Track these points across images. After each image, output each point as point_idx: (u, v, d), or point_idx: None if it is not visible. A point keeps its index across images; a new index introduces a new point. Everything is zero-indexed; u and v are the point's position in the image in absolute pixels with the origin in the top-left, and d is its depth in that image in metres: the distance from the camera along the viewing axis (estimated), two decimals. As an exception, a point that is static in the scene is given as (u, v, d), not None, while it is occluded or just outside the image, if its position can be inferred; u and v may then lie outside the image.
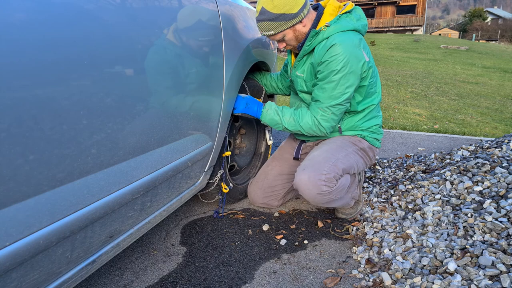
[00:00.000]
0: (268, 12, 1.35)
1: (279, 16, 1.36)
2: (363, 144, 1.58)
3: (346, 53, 1.36)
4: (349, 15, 1.46)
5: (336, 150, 1.51)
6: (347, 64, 1.36)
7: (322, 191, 1.39)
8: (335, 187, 1.42)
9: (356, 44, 1.40)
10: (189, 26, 1.14)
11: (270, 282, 1.25)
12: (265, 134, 1.98)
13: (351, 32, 1.42)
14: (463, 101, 5.67)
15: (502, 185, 1.45)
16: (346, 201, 1.57)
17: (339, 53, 1.36)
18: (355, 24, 1.43)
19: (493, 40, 36.33)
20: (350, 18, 1.45)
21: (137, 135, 0.93)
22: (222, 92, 1.35)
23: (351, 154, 1.52)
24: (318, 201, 1.44)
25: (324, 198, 1.42)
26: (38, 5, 0.66)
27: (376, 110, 1.60)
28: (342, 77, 1.38)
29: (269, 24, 1.38)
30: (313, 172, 1.40)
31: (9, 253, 0.62)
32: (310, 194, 1.41)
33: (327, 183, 1.39)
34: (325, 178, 1.39)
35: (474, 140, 3.07)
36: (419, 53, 13.17)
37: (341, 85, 1.39)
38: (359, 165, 1.57)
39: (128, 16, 0.88)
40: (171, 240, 1.51)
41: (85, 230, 0.80)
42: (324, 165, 1.42)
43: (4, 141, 0.60)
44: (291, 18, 1.38)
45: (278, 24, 1.38)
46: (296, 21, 1.40)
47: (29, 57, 0.63)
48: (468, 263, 1.12)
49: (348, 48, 1.36)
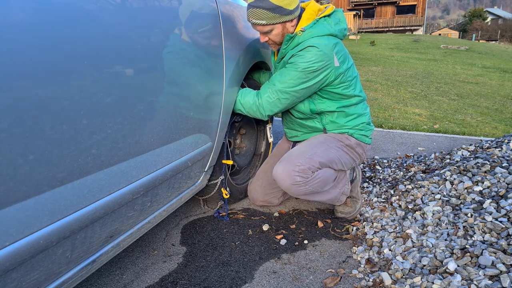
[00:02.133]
0: (268, 1, 1.34)
1: (277, 8, 1.35)
2: (350, 141, 1.58)
3: (315, 54, 1.37)
4: (327, 19, 1.46)
5: (315, 145, 1.53)
6: (312, 64, 1.38)
7: (296, 181, 1.40)
8: (310, 178, 1.42)
9: (329, 48, 1.39)
10: (189, 26, 1.14)
11: (270, 282, 1.25)
12: (266, 132, 1.98)
13: (326, 37, 1.42)
14: (463, 101, 5.67)
15: (502, 185, 1.45)
16: (335, 196, 1.58)
17: (308, 52, 1.37)
18: (331, 28, 1.44)
19: (493, 40, 36.33)
20: (327, 22, 1.45)
21: (137, 135, 0.93)
22: (222, 92, 1.35)
23: (332, 149, 1.53)
24: (295, 192, 1.45)
25: (300, 189, 1.43)
26: (38, 5, 0.66)
27: (360, 108, 1.60)
28: (302, 71, 1.39)
29: (264, 13, 1.36)
30: (287, 164, 1.43)
31: (9, 253, 0.62)
32: (285, 184, 1.43)
33: (300, 174, 1.40)
34: (298, 169, 1.40)
35: (474, 140, 3.07)
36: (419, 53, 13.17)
37: (298, 78, 1.40)
38: (343, 160, 1.57)
39: (128, 16, 0.88)
40: (171, 240, 1.51)
41: (85, 230, 0.80)
42: (299, 158, 1.44)
43: (4, 141, 0.60)
44: (286, 13, 1.38)
45: (273, 16, 1.37)
46: (289, 18, 1.40)
47: (29, 57, 0.63)
48: (468, 263, 1.12)
49: (319, 50, 1.37)
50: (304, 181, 1.41)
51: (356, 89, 1.55)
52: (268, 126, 1.97)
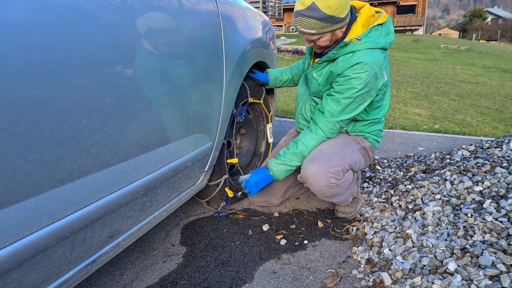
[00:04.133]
0: (319, 11, 1.26)
1: (329, 18, 1.28)
2: (365, 144, 1.60)
3: (370, 74, 1.35)
4: (379, 29, 1.41)
5: (343, 145, 1.52)
6: (368, 84, 1.36)
7: (330, 183, 1.40)
8: (342, 180, 1.43)
9: (381, 65, 1.39)
10: (189, 26, 1.14)
11: (270, 282, 1.25)
12: (266, 132, 1.99)
13: (379, 50, 1.38)
14: (463, 101, 5.67)
15: (502, 185, 1.45)
16: (346, 197, 1.59)
17: (364, 72, 1.34)
18: (383, 41, 1.40)
19: (493, 40, 36.31)
20: (380, 33, 1.40)
21: (137, 135, 0.93)
22: (222, 92, 1.35)
23: (356, 151, 1.54)
24: (325, 194, 1.45)
25: (331, 190, 1.43)
26: (38, 5, 0.66)
27: (381, 115, 1.62)
28: (359, 96, 1.38)
29: (315, 23, 1.29)
30: (322, 164, 1.40)
31: (9, 253, 0.62)
32: (319, 185, 1.41)
33: (335, 176, 1.40)
34: (334, 170, 1.40)
35: (474, 140, 3.07)
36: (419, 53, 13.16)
37: (356, 102, 1.40)
38: (361, 163, 1.60)
39: (128, 16, 0.88)
40: (171, 240, 1.50)
41: (85, 230, 0.80)
42: (333, 158, 1.43)
43: (4, 141, 0.60)
44: (338, 22, 1.32)
45: (324, 25, 1.30)
46: (341, 25, 1.34)
47: (29, 57, 0.63)
48: (468, 263, 1.12)
49: (373, 69, 1.35)
50: (337, 183, 1.41)
51: (385, 99, 1.57)
52: (268, 126, 1.97)
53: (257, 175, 1.57)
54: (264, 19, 1.91)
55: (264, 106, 1.92)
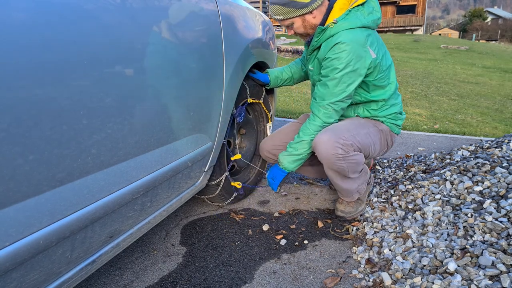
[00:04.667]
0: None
1: (290, 2, 1.38)
2: (382, 127, 1.63)
3: (349, 52, 1.37)
4: (360, 9, 1.44)
5: (358, 126, 1.55)
6: (350, 62, 1.38)
7: (337, 153, 1.43)
8: (349, 155, 1.45)
9: (362, 42, 1.39)
10: (189, 26, 1.14)
11: (270, 282, 1.25)
12: (266, 131, 1.99)
13: (359, 29, 1.41)
14: (463, 101, 5.67)
15: (502, 185, 1.45)
16: (353, 188, 1.60)
17: (342, 51, 1.37)
18: (364, 20, 1.42)
19: (493, 40, 36.31)
20: (360, 13, 1.43)
21: (137, 135, 0.93)
22: (222, 92, 1.35)
23: (371, 134, 1.57)
24: (331, 163, 1.46)
25: (337, 162, 1.44)
26: (38, 5, 0.66)
27: (392, 99, 1.62)
28: (344, 75, 1.40)
29: (279, 9, 1.40)
30: (333, 135, 1.44)
31: (9, 253, 0.62)
32: (326, 153, 1.44)
33: (343, 147, 1.43)
34: (342, 142, 1.43)
35: (474, 140, 3.07)
36: (419, 53, 13.16)
37: (343, 82, 1.41)
38: (376, 148, 1.61)
39: (128, 16, 0.88)
40: (171, 240, 1.50)
41: (85, 230, 0.80)
42: (345, 133, 1.46)
43: (4, 141, 0.60)
44: (301, 7, 1.40)
45: (288, 10, 1.40)
46: (306, 11, 1.41)
47: (29, 57, 0.63)
48: (468, 263, 1.12)
49: (353, 47, 1.37)
50: (343, 156, 1.44)
51: (390, 79, 1.57)
52: (268, 125, 1.97)
53: (272, 171, 1.63)
54: (264, 19, 1.91)
55: (264, 106, 1.92)
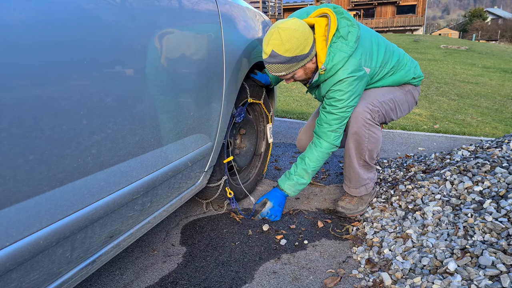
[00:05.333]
0: (280, 56, 1.32)
1: (292, 58, 1.34)
2: (408, 87, 1.71)
3: (350, 83, 1.42)
4: (338, 38, 1.39)
5: (386, 91, 1.62)
6: (353, 89, 1.44)
7: (365, 117, 1.50)
8: (374, 123, 1.53)
9: (357, 68, 1.43)
10: (189, 26, 1.14)
11: (270, 282, 1.25)
12: (266, 132, 1.99)
13: (351, 60, 1.40)
14: (463, 101, 5.67)
15: (502, 185, 1.45)
16: (363, 176, 1.63)
17: (344, 84, 1.42)
18: (348, 48, 1.39)
19: (493, 40, 36.29)
20: (341, 43, 1.39)
21: (137, 135, 0.93)
22: (222, 92, 1.35)
23: (397, 98, 1.65)
24: (357, 127, 1.51)
25: (362, 128, 1.51)
26: (38, 5, 0.66)
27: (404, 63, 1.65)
28: (349, 102, 1.46)
29: (281, 67, 1.36)
30: (363, 100, 1.53)
31: (9, 253, 0.62)
32: (355, 116, 1.51)
33: (371, 113, 1.51)
34: (371, 108, 1.51)
35: (474, 140, 3.07)
36: (419, 53, 13.15)
37: (349, 107, 1.48)
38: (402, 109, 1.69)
39: (128, 16, 0.88)
40: (171, 240, 1.50)
41: (85, 230, 0.80)
42: (373, 99, 1.54)
43: (4, 141, 0.60)
44: (303, 58, 1.37)
45: (290, 66, 1.36)
46: (307, 60, 1.40)
47: (29, 57, 0.63)
48: (468, 263, 1.12)
49: (352, 77, 1.42)
50: (369, 123, 1.51)
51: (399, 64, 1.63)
52: (268, 126, 1.97)
53: (276, 198, 1.66)
54: (264, 19, 1.91)
55: (264, 106, 1.92)
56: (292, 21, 1.33)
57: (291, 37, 1.30)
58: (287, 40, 1.30)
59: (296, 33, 1.31)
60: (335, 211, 1.71)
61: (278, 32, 1.30)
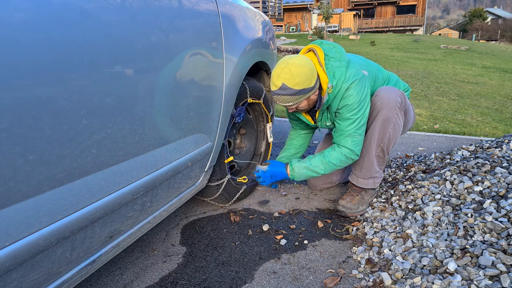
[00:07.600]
0: (290, 89, 1.42)
1: (300, 91, 1.44)
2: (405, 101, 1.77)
3: (359, 90, 1.51)
4: (330, 59, 1.53)
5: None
6: (361, 91, 1.52)
7: (397, 100, 1.58)
8: (401, 111, 1.61)
9: (358, 71, 1.53)
10: (189, 26, 1.14)
11: (270, 282, 1.25)
12: (266, 132, 1.99)
13: (348, 72, 1.51)
14: (463, 101, 5.67)
15: (502, 185, 1.45)
16: (374, 165, 1.66)
17: (351, 90, 1.50)
18: (342, 60, 1.53)
19: (493, 40, 36.29)
20: (334, 59, 1.53)
21: (137, 135, 0.93)
22: (222, 92, 1.35)
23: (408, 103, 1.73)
24: (389, 108, 1.57)
25: (393, 110, 1.56)
26: (38, 5, 0.66)
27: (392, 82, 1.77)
28: (363, 108, 1.53)
29: (290, 98, 1.46)
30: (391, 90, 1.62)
31: (9, 253, 0.62)
32: (388, 97, 1.57)
33: (401, 98, 1.60)
34: (400, 94, 1.61)
35: (474, 140, 3.07)
36: (419, 53, 13.16)
37: (364, 112, 1.54)
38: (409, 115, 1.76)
39: (128, 16, 0.88)
40: (171, 240, 1.50)
41: (85, 230, 0.80)
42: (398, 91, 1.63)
43: (4, 141, 0.60)
44: (309, 91, 1.47)
45: (298, 97, 1.47)
46: (312, 92, 1.50)
47: (29, 57, 0.63)
48: (468, 263, 1.12)
49: (359, 84, 1.51)
50: (399, 107, 1.58)
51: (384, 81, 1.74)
52: (268, 126, 1.97)
53: (275, 168, 1.70)
54: (264, 19, 1.91)
55: (264, 105, 1.92)
56: (300, 58, 1.45)
57: (300, 72, 1.41)
58: (297, 75, 1.41)
59: (305, 68, 1.42)
60: (335, 210, 1.72)
61: (289, 68, 1.41)
